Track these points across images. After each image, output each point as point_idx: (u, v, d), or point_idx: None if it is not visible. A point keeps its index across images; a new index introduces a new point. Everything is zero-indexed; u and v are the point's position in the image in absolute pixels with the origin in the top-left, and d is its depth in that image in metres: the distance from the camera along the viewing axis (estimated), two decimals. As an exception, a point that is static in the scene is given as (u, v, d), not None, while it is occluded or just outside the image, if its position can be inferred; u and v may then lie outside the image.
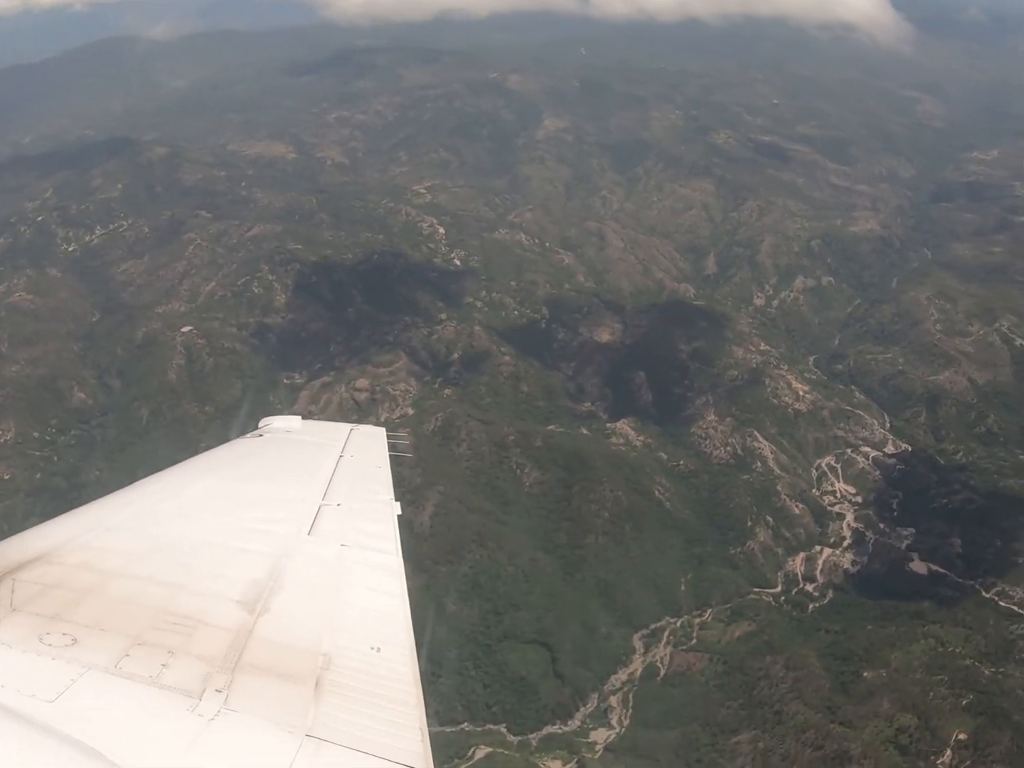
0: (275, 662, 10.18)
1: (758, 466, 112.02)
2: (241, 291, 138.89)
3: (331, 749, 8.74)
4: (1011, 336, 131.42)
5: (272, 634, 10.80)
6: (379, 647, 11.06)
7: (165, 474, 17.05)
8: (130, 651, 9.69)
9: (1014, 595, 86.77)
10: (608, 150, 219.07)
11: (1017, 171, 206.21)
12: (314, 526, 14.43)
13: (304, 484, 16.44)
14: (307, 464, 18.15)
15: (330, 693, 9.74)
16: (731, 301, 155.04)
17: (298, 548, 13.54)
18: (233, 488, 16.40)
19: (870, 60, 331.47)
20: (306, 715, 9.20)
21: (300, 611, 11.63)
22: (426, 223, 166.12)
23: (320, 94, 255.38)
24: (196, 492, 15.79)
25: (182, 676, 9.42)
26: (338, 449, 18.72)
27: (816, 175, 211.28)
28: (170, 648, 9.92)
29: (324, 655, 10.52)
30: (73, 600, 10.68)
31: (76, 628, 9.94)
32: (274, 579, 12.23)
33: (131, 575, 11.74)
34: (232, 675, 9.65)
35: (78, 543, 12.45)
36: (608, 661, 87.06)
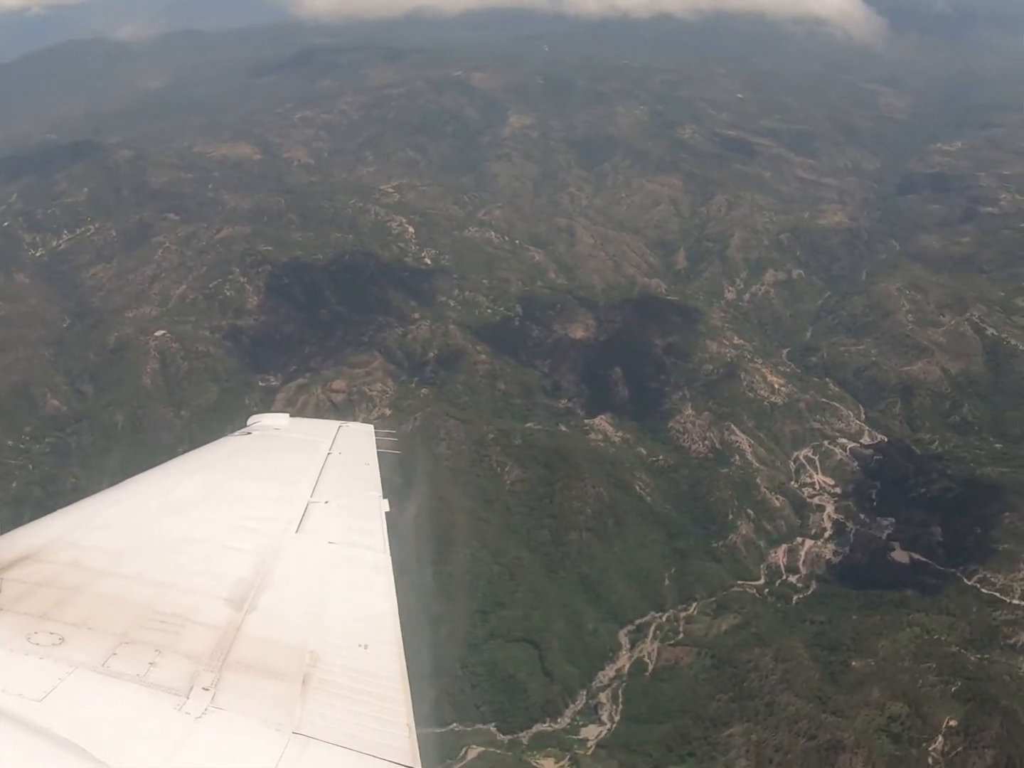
0: (262, 660, 10.21)
1: (736, 459, 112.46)
2: (213, 294, 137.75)
3: (318, 746, 8.77)
4: (982, 326, 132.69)
5: (260, 632, 10.82)
6: (367, 644, 11.06)
7: (153, 472, 17.12)
8: (117, 650, 9.70)
9: (996, 581, 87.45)
10: (574, 146, 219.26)
11: (981, 162, 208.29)
12: (302, 523, 14.45)
13: (292, 482, 16.50)
14: (295, 462, 18.27)
15: (318, 690, 9.77)
16: (703, 296, 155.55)
17: (286, 545, 13.57)
18: (221, 486, 16.37)
19: (832, 54, 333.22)
20: (293, 712, 9.22)
21: (288, 608, 11.67)
22: (395, 222, 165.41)
23: (284, 94, 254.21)
24: (184, 490, 15.80)
25: (169, 674, 9.44)
26: (326, 446, 18.77)
27: (782, 169, 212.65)
28: (157, 646, 9.94)
29: (312, 652, 10.55)
30: (61, 599, 10.68)
31: (64, 627, 9.94)
32: (262, 577, 12.24)
33: (119, 573, 11.73)
34: (219, 673, 9.68)
35: (66, 541, 12.43)
36: (595, 657, 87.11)
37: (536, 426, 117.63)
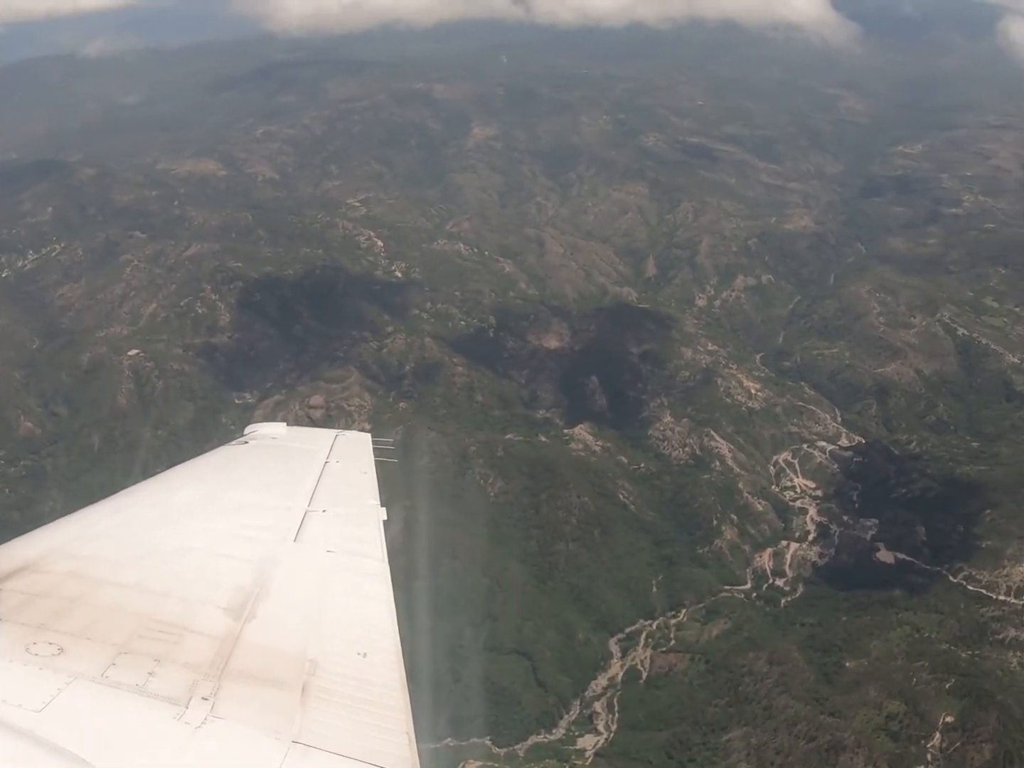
0: (262, 669, 10.19)
1: (717, 465, 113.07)
2: (185, 311, 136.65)
3: (318, 755, 8.77)
4: (953, 326, 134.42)
5: (259, 641, 10.80)
6: (366, 652, 11.05)
7: (151, 482, 17.23)
8: (117, 660, 9.67)
9: (981, 579, 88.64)
10: (539, 156, 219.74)
11: (943, 163, 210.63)
12: (300, 532, 14.40)
13: (290, 490, 16.42)
14: (293, 470, 18.21)
15: (317, 699, 9.76)
16: (674, 303, 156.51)
17: (284, 554, 13.55)
18: (219, 495, 16.26)
19: (791, 60, 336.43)
20: (293, 721, 9.21)
21: (286, 617, 11.66)
22: (364, 236, 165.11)
23: (245, 110, 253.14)
24: (182, 499, 15.72)
25: (169, 684, 9.41)
26: (324, 455, 18.67)
27: (747, 174, 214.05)
28: (157, 656, 9.92)
29: (311, 661, 10.54)
30: (59, 609, 10.65)
31: (63, 637, 9.91)
32: (260, 586, 12.22)
33: (117, 583, 11.69)
34: (219, 682, 9.66)
35: (64, 552, 12.38)
36: (587, 667, 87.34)
37: (517, 437, 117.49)
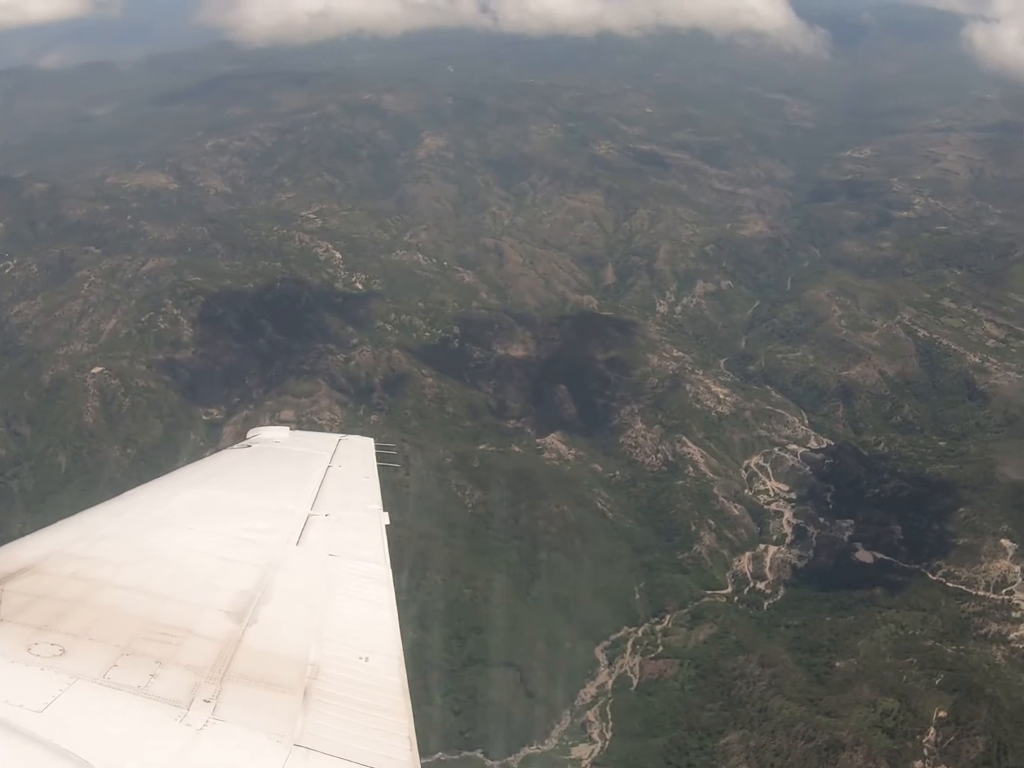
0: (263, 672, 10.24)
1: (690, 471, 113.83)
2: (146, 327, 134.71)
3: (319, 759, 8.82)
4: (913, 328, 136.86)
5: (260, 644, 10.85)
6: (367, 657, 11.11)
7: (153, 484, 17.16)
8: (118, 661, 9.73)
9: (960, 575, 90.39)
10: (491, 166, 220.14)
11: (892, 167, 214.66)
12: (302, 536, 14.53)
13: (292, 494, 16.61)
14: (295, 474, 18.42)
15: (318, 703, 9.81)
16: (636, 310, 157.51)
17: (286, 558, 13.65)
18: (221, 498, 16.45)
19: (734, 66, 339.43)
20: (294, 725, 9.28)
21: (288, 621, 11.73)
22: (321, 248, 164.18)
23: (193, 122, 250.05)
24: (184, 502, 15.78)
25: (170, 686, 9.46)
26: (326, 459, 18.90)
27: (698, 181, 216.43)
28: (158, 658, 9.97)
29: (312, 665, 10.59)
30: (61, 610, 10.71)
31: (64, 638, 9.96)
32: (262, 589, 12.29)
33: (119, 585, 11.75)
34: (220, 685, 9.72)
35: (66, 553, 12.42)
36: (575, 676, 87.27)
37: (490, 448, 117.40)
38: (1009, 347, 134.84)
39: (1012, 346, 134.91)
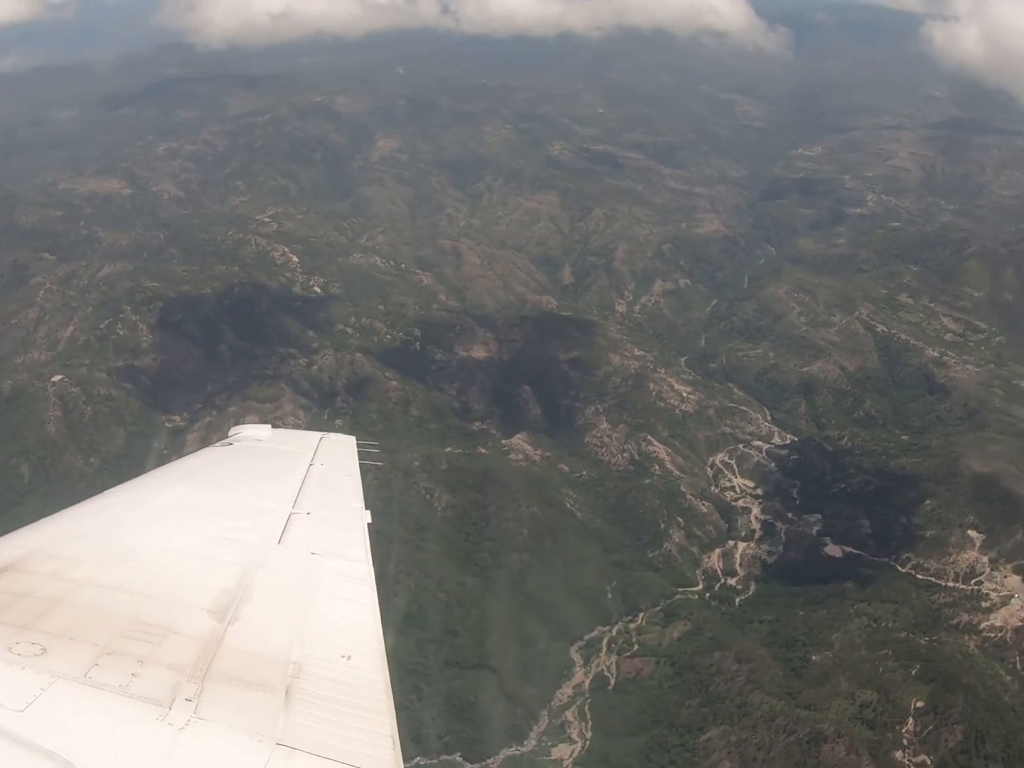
0: (245, 671, 10.24)
1: (657, 469, 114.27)
2: (105, 334, 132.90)
3: (302, 757, 8.82)
4: (872, 323, 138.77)
5: (242, 643, 10.83)
6: (349, 655, 11.11)
7: (134, 483, 17.12)
8: (100, 660, 9.71)
9: (929, 567, 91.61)
10: (445, 167, 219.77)
11: (843, 165, 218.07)
12: (284, 534, 14.44)
13: (274, 492, 16.50)
14: (277, 472, 18.34)
15: (301, 701, 9.81)
16: (595, 310, 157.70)
17: (268, 557, 13.59)
18: (203, 496, 16.37)
19: (684, 65, 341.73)
20: (276, 723, 9.27)
21: (270, 620, 11.71)
22: (278, 252, 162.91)
23: (144, 126, 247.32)
24: (166, 501, 15.74)
25: (152, 685, 9.46)
26: (308, 457, 18.74)
27: (653, 180, 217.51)
28: (140, 657, 9.95)
29: (294, 663, 10.59)
30: (42, 609, 10.69)
31: (45, 637, 9.94)
32: (244, 588, 12.25)
33: (101, 584, 11.72)
34: (202, 684, 9.71)
35: (47, 552, 12.41)
36: (551, 677, 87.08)
37: (456, 450, 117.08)
38: (967, 341, 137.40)
39: (970, 340, 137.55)
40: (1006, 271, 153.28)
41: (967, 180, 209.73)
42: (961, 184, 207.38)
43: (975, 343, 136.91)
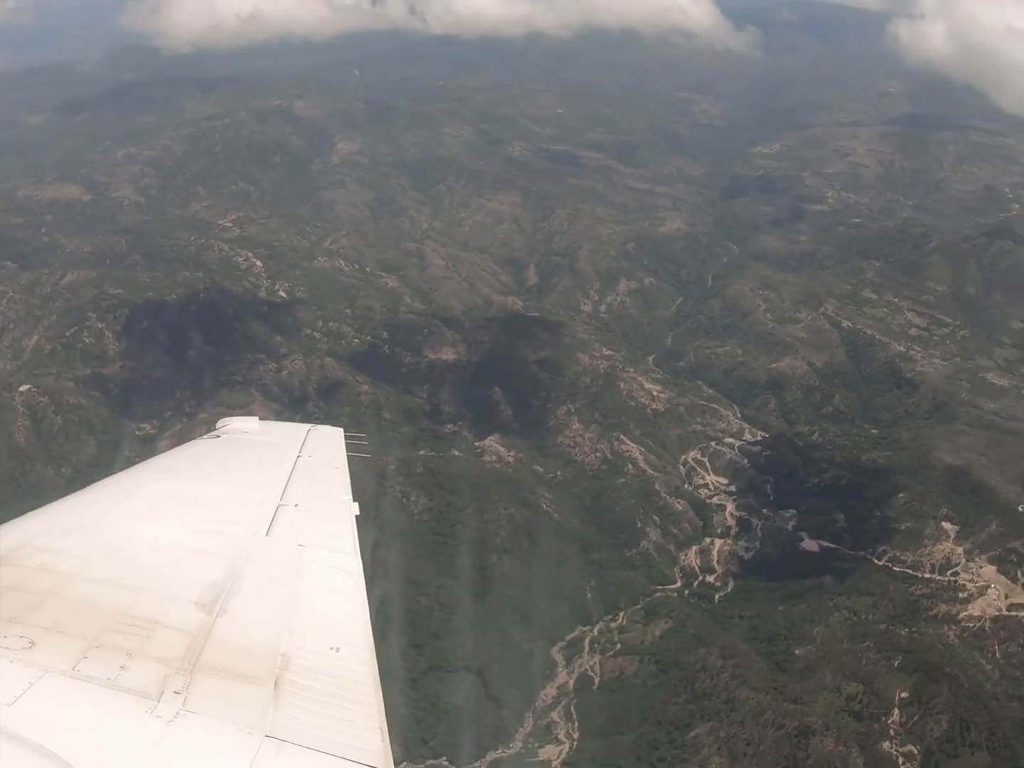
0: (234, 663, 10.26)
1: (630, 468, 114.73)
2: (71, 342, 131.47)
3: (291, 749, 8.87)
4: (837, 319, 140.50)
5: (230, 635, 10.86)
6: (338, 647, 11.13)
7: (121, 476, 17.09)
8: (88, 653, 9.72)
9: (905, 559, 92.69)
10: (406, 169, 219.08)
11: (802, 162, 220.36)
12: (272, 527, 14.45)
13: (262, 485, 16.49)
14: (265, 465, 18.35)
15: (289, 694, 9.86)
16: (561, 310, 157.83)
17: (256, 549, 13.58)
18: (190, 489, 16.34)
19: (641, 64, 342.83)
20: (265, 716, 9.31)
21: (258, 612, 11.72)
22: (241, 257, 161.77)
23: (102, 132, 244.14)
24: (153, 493, 15.70)
25: (140, 678, 9.48)
26: (296, 450, 18.73)
27: (614, 180, 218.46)
28: (128, 650, 9.98)
29: (283, 656, 10.61)
30: (30, 603, 10.66)
31: (33, 631, 9.93)
32: (232, 580, 12.25)
33: (88, 577, 11.69)
34: (191, 676, 9.73)
35: (35, 546, 12.31)
36: (534, 678, 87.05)
37: (430, 453, 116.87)
38: (932, 335, 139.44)
39: (934, 334, 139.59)
40: (968, 265, 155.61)
41: (925, 175, 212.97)
42: (919, 179, 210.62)
43: (940, 337, 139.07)
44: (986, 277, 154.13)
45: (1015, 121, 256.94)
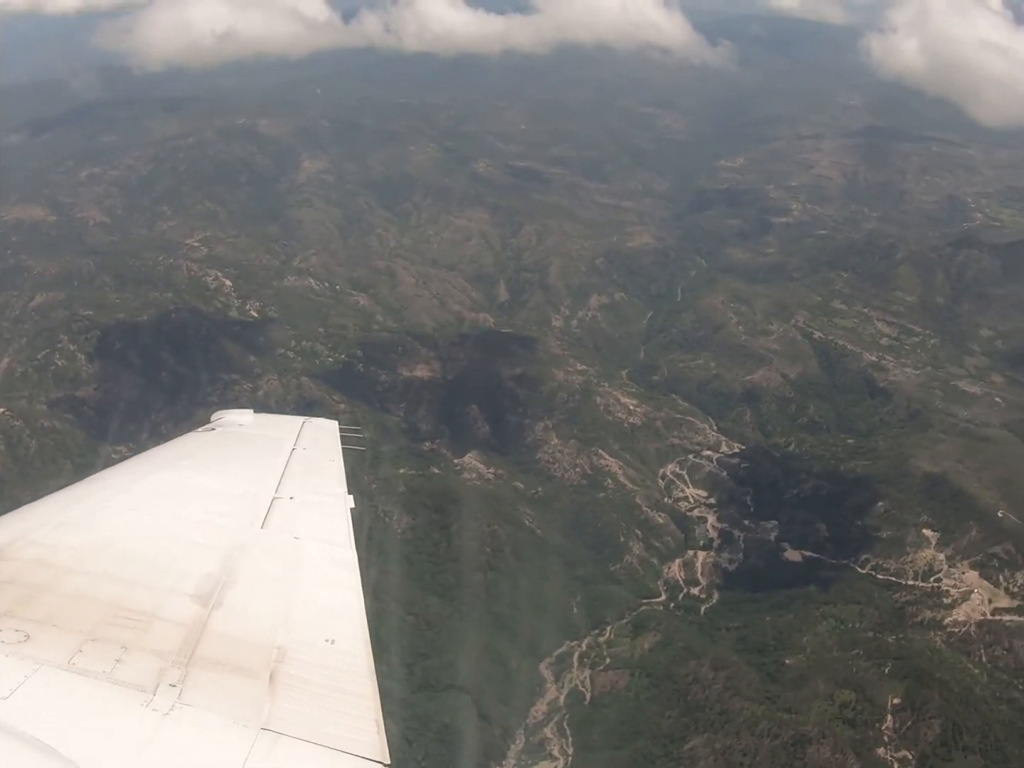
0: (229, 656, 10.25)
1: (610, 483, 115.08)
2: (43, 365, 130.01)
3: (287, 742, 8.87)
4: (809, 330, 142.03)
5: (226, 628, 10.84)
6: (333, 639, 11.11)
7: (117, 468, 17.20)
8: (83, 647, 9.70)
9: (888, 567, 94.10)
10: (373, 187, 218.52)
11: (766, 175, 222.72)
12: (267, 519, 14.44)
13: (257, 477, 16.49)
14: (260, 457, 18.31)
15: (285, 686, 9.83)
16: (533, 326, 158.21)
17: (251, 541, 13.59)
18: (185, 482, 16.26)
19: (603, 79, 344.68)
20: (261, 708, 9.30)
21: (254, 604, 11.71)
22: (211, 277, 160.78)
23: (65, 152, 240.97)
24: (148, 486, 15.66)
25: (136, 671, 9.46)
26: (291, 442, 18.72)
27: (580, 195, 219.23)
28: (124, 643, 9.95)
29: (278, 648, 10.60)
30: (25, 596, 10.62)
31: (29, 624, 9.89)
32: (227, 573, 12.23)
33: (84, 570, 11.67)
34: (186, 669, 9.72)
35: (30, 539, 12.27)
36: (524, 695, 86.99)
37: (410, 471, 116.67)
38: (903, 344, 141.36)
39: (905, 343, 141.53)
40: (936, 275, 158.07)
41: (889, 187, 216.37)
42: (883, 191, 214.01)
43: (911, 346, 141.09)
44: (954, 286, 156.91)
45: (974, 132, 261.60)
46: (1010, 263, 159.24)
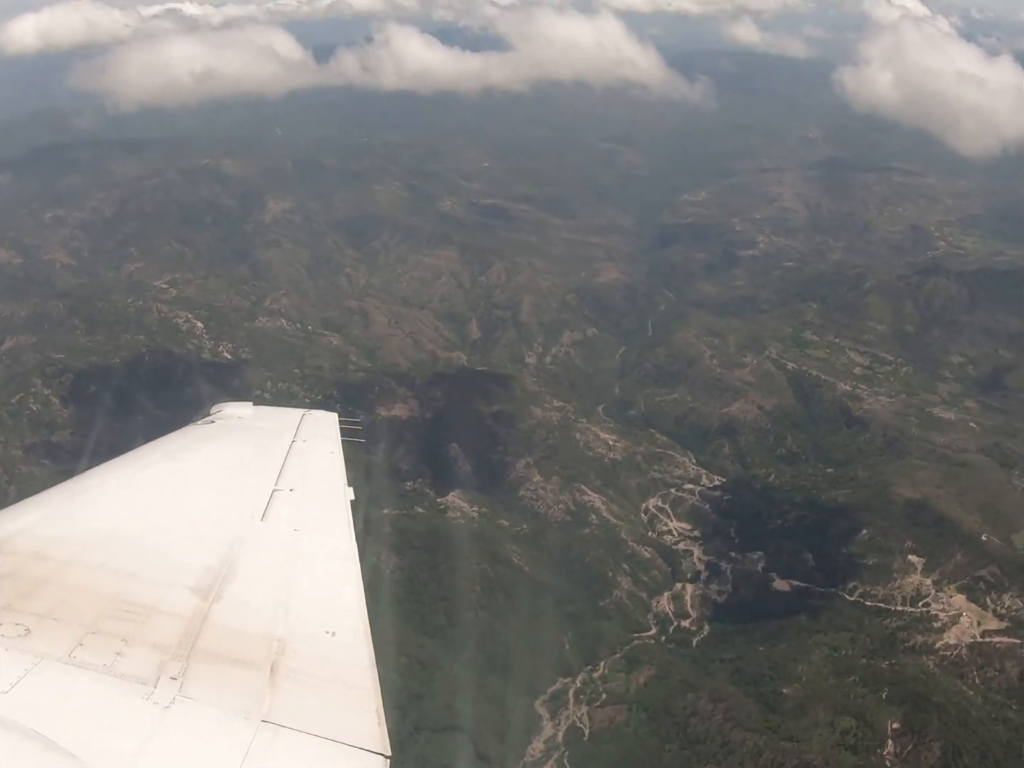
0: (230, 648, 10.32)
1: (594, 518, 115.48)
2: (17, 410, 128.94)
3: (288, 734, 8.93)
4: (782, 361, 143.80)
5: (226, 620, 10.91)
6: (334, 631, 11.22)
7: (116, 462, 17.10)
8: (84, 640, 9.74)
9: (876, 593, 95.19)
10: (340, 227, 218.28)
11: (730, 208, 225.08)
12: (267, 511, 14.51)
13: (256, 470, 16.67)
14: (259, 450, 18.44)
15: (286, 678, 9.91)
16: (507, 363, 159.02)
17: (251, 534, 13.66)
18: (185, 474, 16.38)
19: (556, 117, 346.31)
20: (262, 701, 9.37)
21: (254, 597, 11.78)
22: (182, 318, 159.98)
23: (27, 194, 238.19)
24: (147, 479, 15.84)
25: (136, 664, 9.52)
26: (291, 434, 18.88)
27: (547, 232, 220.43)
28: (124, 636, 10.01)
29: (279, 640, 10.68)
30: (25, 590, 10.68)
31: (29, 618, 9.95)
32: (227, 565, 12.29)
33: (84, 564, 11.71)
34: (187, 662, 9.77)
35: (30, 533, 12.35)
36: (520, 733, 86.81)
37: (394, 511, 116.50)
38: (875, 373, 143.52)
39: (878, 372, 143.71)
40: (904, 303, 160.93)
41: (852, 217, 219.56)
42: (847, 221, 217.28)
43: (884, 375, 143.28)
44: (922, 314, 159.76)
45: (932, 161, 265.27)
46: (976, 290, 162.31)
